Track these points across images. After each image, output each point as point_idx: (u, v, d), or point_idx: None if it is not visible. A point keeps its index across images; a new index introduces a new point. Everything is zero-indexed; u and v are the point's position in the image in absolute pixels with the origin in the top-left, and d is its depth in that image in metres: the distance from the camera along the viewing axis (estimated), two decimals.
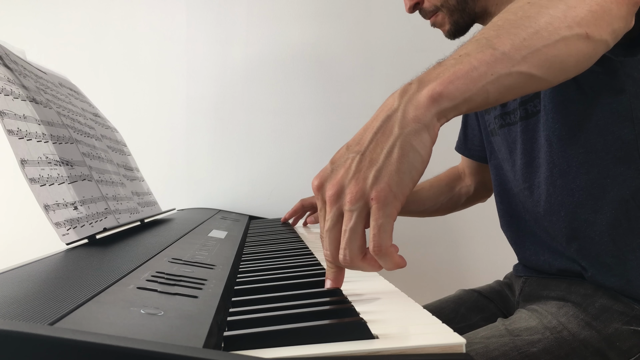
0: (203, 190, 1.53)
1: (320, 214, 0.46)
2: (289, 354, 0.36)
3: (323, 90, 1.55)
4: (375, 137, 0.43)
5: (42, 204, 0.60)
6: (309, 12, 1.54)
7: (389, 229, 0.42)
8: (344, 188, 0.43)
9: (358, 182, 0.42)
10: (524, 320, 0.72)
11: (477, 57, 0.44)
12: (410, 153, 0.42)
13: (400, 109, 0.43)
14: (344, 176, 0.43)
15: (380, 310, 0.47)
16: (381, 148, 0.42)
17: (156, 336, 0.33)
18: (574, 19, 0.47)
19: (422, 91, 0.44)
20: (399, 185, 0.42)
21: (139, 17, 1.51)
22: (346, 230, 0.43)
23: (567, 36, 0.46)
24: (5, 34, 1.47)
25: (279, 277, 0.61)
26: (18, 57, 0.76)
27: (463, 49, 0.46)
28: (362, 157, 0.43)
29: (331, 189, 0.43)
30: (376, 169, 0.42)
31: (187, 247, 0.71)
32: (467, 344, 0.67)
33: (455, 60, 0.45)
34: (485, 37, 0.46)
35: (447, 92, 0.43)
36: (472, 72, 0.44)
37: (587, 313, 0.70)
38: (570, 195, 0.72)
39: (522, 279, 0.85)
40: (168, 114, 1.52)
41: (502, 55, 0.44)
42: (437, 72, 0.45)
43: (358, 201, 0.42)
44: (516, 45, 0.45)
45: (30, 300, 0.38)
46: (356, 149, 0.43)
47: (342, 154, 0.45)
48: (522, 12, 0.47)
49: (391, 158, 0.42)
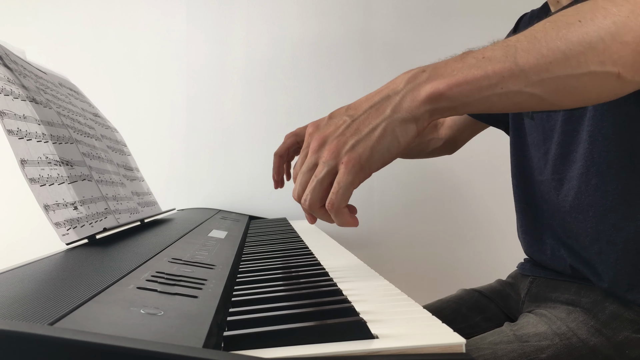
0: (203, 190, 1.53)
1: (301, 154, 0.50)
2: (289, 354, 0.36)
3: (323, 90, 1.55)
4: (369, 110, 0.46)
5: (42, 204, 0.60)
6: (308, 12, 1.54)
7: (347, 192, 0.46)
8: (325, 143, 0.47)
9: (338, 144, 0.46)
10: (532, 326, 0.71)
11: (496, 67, 0.44)
12: (389, 137, 0.45)
13: (400, 94, 0.46)
14: (331, 133, 0.47)
15: (380, 310, 0.47)
16: (369, 122, 0.46)
17: (156, 336, 0.33)
18: (611, 56, 0.44)
19: (426, 86, 0.45)
20: (368, 160, 0.46)
21: (139, 17, 1.51)
22: (313, 179, 0.48)
23: (597, 71, 0.44)
24: (5, 34, 1.47)
25: (279, 277, 0.61)
26: (18, 57, 0.76)
27: (490, 50, 0.46)
28: (351, 123, 0.46)
29: (316, 141, 0.47)
30: (356, 139, 0.45)
31: (187, 247, 0.71)
32: (474, 349, 0.67)
33: (476, 60, 0.45)
34: (515, 46, 0.45)
35: (449, 94, 0.45)
36: (483, 80, 0.44)
37: (597, 320, 0.69)
38: (603, 197, 0.70)
39: (530, 279, 0.84)
40: (168, 114, 1.52)
41: (520, 73, 0.44)
42: (453, 68, 0.46)
43: (331, 159, 0.46)
44: (539, 66, 0.44)
45: (30, 300, 0.38)
46: (351, 112, 0.47)
47: (340, 113, 0.48)
48: (564, 31, 0.44)
49: (372, 135, 0.45)
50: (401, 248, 1.56)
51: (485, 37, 1.61)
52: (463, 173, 1.56)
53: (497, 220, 1.56)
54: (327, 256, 0.78)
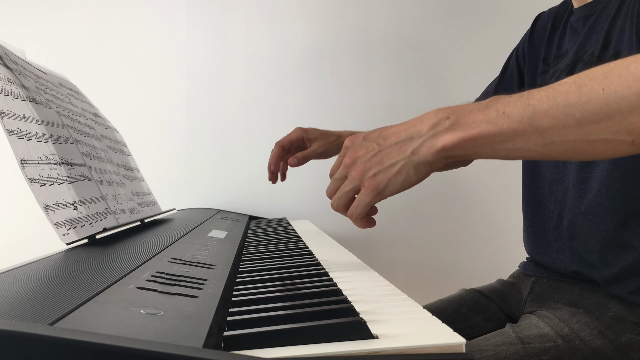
0: (203, 190, 1.53)
1: (338, 160, 0.60)
2: (289, 354, 0.36)
3: (323, 90, 1.55)
4: (394, 146, 0.54)
5: (42, 204, 0.60)
6: (309, 12, 1.54)
7: (364, 209, 0.56)
8: (354, 164, 0.56)
9: (364, 168, 0.55)
10: (535, 327, 0.71)
11: (512, 125, 0.48)
12: (405, 174, 0.53)
13: (422, 139, 0.52)
14: (361, 156, 0.55)
15: (380, 311, 0.47)
16: (391, 157, 0.53)
17: (156, 336, 0.33)
18: (627, 126, 0.44)
19: (445, 136, 0.51)
20: (384, 189, 0.54)
21: (139, 17, 1.51)
22: (341, 189, 0.58)
23: (610, 139, 0.46)
24: (5, 34, 1.47)
25: (279, 277, 0.61)
26: (18, 57, 0.76)
27: (512, 105, 0.48)
28: (378, 152, 0.54)
29: (349, 158, 0.57)
30: (378, 169, 0.54)
31: (187, 247, 0.71)
32: (477, 351, 0.67)
33: (496, 115, 0.48)
34: (533, 106, 0.47)
35: (462, 146, 0.50)
36: (496, 136, 0.48)
37: (600, 322, 0.69)
38: (625, 202, 0.69)
39: (532, 279, 0.84)
40: (168, 114, 1.52)
41: (534, 134, 0.47)
42: (474, 119, 0.50)
43: (356, 180, 0.56)
44: (553, 129, 0.46)
45: (30, 300, 0.38)
46: (380, 142, 0.55)
47: (372, 137, 0.56)
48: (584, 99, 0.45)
49: (392, 169, 0.53)
50: (401, 248, 1.55)
51: (486, 37, 1.61)
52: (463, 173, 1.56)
53: (497, 219, 1.56)
54: (327, 256, 0.78)
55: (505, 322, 0.85)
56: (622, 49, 0.70)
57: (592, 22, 0.78)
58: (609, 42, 0.73)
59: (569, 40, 0.84)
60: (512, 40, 1.03)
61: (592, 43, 0.77)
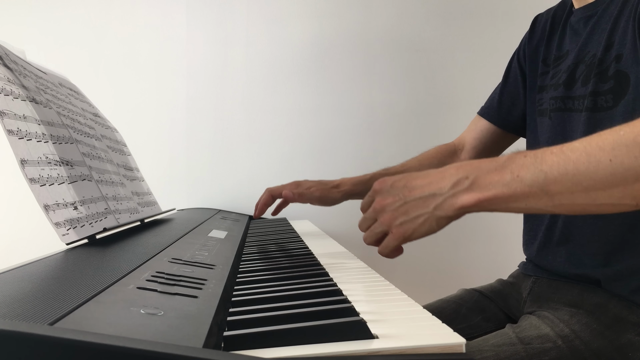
0: (203, 190, 1.53)
1: (368, 199, 0.66)
2: (289, 354, 0.36)
3: (323, 90, 1.55)
4: (418, 200, 0.59)
5: (42, 204, 0.60)
6: (309, 12, 1.54)
7: (391, 249, 0.64)
8: (383, 211, 0.62)
9: (392, 217, 0.61)
10: (535, 328, 0.71)
11: (524, 189, 0.52)
12: (428, 225, 0.59)
13: (443, 197, 0.57)
14: (389, 204, 0.61)
15: (380, 311, 0.47)
16: (416, 210, 0.59)
17: (156, 336, 0.33)
18: (632, 192, 0.47)
19: (464, 196, 0.56)
20: (409, 236, 0.61)
21: (139, 16, 1.51)
22: (372, 229, 0.65)
23: (615, 203, 0.50)
24: (5, 34, 1.47)
25: (279, 277, 0.61)
26: (18, 57, 0.76)
27: (525, 169, 0.52)
28: (404, 204, 0.60)
29: (378, 203, 0.63)
30: (404, 219, 0.60)
31: (187, 247, 0.71)
32: (477, 351, 0.68)
33: (511, 178, 0.53)
34: (545, 173, 0.51)
35: (480, 205, 0.55)
36: (510, 198, 0.53)
37: (600, 322, 0.69)
38: None
39: (532, 279, 0.84)
40: (168, 114, 1.52)
41: (544, 197, 0.52)
42: (490, 181, 0.54)
43: (385, 225, 0.62)
44: (562, 194, 0.51)
45: (30, 300, 0.38)
46: (406, 194, 0.60)
47: (398, 186, 0.61)
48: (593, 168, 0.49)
49: (417, 221, 0.59)
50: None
51: (486, 38, 1.61)
52: None
53: (498, 219, 1.56)
54: (327, 256, 0.78)
55: (505, 322, 0.84)
56: (624, 52, 0.70)
57: (593, 22, 0.78)
58: (611, 43, 0.73)
59: (569, 41, 0.84)
60: (512, 40, 1.03)
61: (593, 44, 0.76)
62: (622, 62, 0.70)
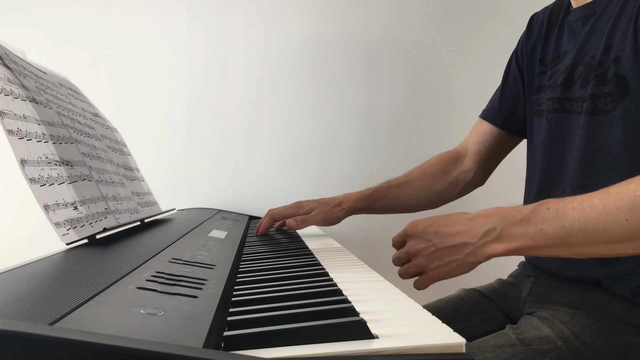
0: (203, 190, 1.53)
1: (399, 238, 0.72)
2: (289, 354, 0.36)
3: (323, 90, 1.55)
4: (450, 248, 0.65)
5: (42, 204, 0.60)
6: (309, 12, 1.54)
7: (425, 286, 0.70)
8: (417, 256, 0.68)
9: (426, 261, 0.67)
10: (535, 329, 0.71)
11: (547, 242, 0.58)
12: (460, 268, 0.65)
13: (474, 246, 0.63)
14: (422, 250, 0.67)
15: (380, 310, 0.47)
16: (449, 256, 0.65)
17: (156, 336, 0.33)
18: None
19: (492, 247, 0.61)
20: (444, 277, 0.68)
21: (139, 16, 1.51)
22: (406, 268, 0.71)
23: (629, 253, 0.57)
24: (5, 34, 1.47)
25: (279, 277, 0.61)
26: (18, 57, 0.76)
27: (548, 223, 0.58)
28: (436, 250, 0.66)
29: (412, 248, 0.68)
30: (439, 263, 0.66)
31: (187, 247, 0.71)
32: (477, 352, 0.68)
33: (535, 231, 0.59)
34: (567, 229, 0.57)
35: (506, 254, 0.61)
36: (534, 248, 0.59)
37: (600, 323, 0.69)
38: None
39: (532, 279, 0.84)
40: (168, 114, 1.52)
41: (565, 247, 0.58)
42: (516, 233, 0.60)
43: (420, 267, 0.68)
44: (582, 246, 0.57)
45: (30, 300, 0.38)
46: (437, 241, 0.66)
47: (430, 232, 0.67)
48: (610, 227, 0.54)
49: (450, 265, 0.66)
50: None
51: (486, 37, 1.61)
52: None
53: None
54: (327, 256, 0.78)
55: (504, 322, 0.84)
56: (624, 55, 0.69)
57: (592, 23, 0.77)
58: (610, 45, 0.72)
59: (567, 41, 0.83)
60: (512, 40, 1.03)
61: (592, 45, 0.76)
62: (621, 65, 0.70)
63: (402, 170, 1.30)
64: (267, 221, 1.06)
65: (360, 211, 1.04)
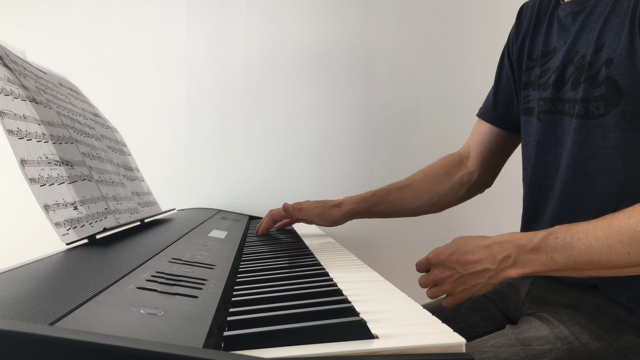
0: (203, 190, 1.53)
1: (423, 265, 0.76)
2: (289, 354, 0.36)
3: (323, 90, 1.55)
4: (472, 274, 0.70)
5: (42, 204, 0.60)
6: (309, 12, 1.54)
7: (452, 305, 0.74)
8: (444, 282, 0.72)
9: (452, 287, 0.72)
10: (535, 329, 0.71)
11: (557, 267, 0.65)
12: (483, 289, 0.71)
13: (493, 272, 0.69)
14: (447, 277, 0.72)
15: (380, 310, 0.47)
16: (473, 280, 0.70)
17: (156, 336, 0.33)
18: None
19: (508, 271, 0.68)
20: (469, 297, 0.73)
21: (139, 16, 1.51)
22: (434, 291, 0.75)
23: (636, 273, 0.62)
24: (5, 34, 1.47)
25: (279, 277, 0.61)
26: (18, 57, 0.76)
27: (557, 252, 0.64)
28: (460, 277, 0.71)
29: (437, 276, 0.72)
30: (464, 287, 0.72)
31: (187, 247, 0.71)
32: (476, 352, 0.69)
33: (546, 258, 0.65)
34: (574, 258, 0.63)
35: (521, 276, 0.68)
36: (546, 272, 0.66)
37: (598, 325, 0.69)
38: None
39: (530, 280, 0.83)
40: (168, 114, 1.52)
41: (575, 272, 0.65)
42: (529, 259, 0.66)
43: (447, 291, 0.73)
44: (590, 271, 0.63)
45: (30, 300, 0.38)
46: (460, 269, 0.70)
47: (452, 261, 0.71)
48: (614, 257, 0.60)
49: (475, 287, 0.71)
50: (401, 248, 1.55)
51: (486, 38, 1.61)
52: None
53: (498, 219, 1.56)
54: (327, 256, 0.78)
55: (504, 322, 0.84)
56: (615, 57, 0.68)
57: (582, 19, 0.75)
58: (601, 45, 0.70)
59: (557, 37, 0.81)
60: None
61: (582, 44, 0.74)
62: (613, 67, 0.68)
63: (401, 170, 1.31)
64: (267, 221, 1.07)
65: (361, 214, 1.04)
